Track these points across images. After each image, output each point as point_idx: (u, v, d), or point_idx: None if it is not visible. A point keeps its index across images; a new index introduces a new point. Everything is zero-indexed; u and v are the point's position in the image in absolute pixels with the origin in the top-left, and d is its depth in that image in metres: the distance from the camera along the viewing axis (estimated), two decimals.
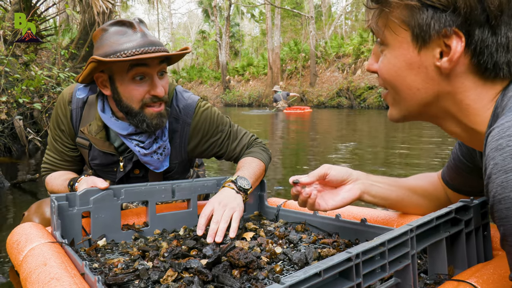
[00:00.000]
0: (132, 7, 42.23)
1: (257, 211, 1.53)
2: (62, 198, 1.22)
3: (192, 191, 1.41)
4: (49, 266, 0.90)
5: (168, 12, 49.78)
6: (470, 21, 0.69)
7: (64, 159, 1.61)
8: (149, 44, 1.34)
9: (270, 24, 28.16)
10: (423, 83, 0.77)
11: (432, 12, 0.71)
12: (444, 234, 0.79)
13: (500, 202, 0.59)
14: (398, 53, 0.78)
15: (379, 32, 0.81)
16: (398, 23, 0.76)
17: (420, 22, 0.73)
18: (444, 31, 0.71)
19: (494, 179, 0.60)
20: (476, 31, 0.70)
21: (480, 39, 0.70)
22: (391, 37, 0.79)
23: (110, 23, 1.39)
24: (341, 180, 1.12)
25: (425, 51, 0.75)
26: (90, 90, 1.46)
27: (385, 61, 0.81)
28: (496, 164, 0.60)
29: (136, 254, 1.11)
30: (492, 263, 0.82)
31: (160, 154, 1.50)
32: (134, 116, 1.39)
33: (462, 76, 0.74)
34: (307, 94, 25.49)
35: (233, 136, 1.64)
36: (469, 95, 0.75)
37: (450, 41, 0.71)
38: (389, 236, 0.69)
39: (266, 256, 1.07)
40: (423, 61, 0.75)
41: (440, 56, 0.73)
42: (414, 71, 0.77)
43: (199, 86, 37.90)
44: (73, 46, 8.58)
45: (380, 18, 0.80)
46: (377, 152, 5.66)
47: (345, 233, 1.19)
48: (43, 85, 5.09)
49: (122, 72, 1.35)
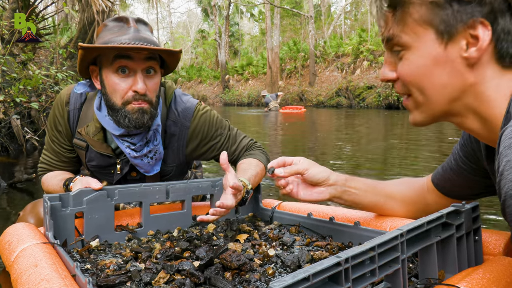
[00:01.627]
0: (131, 6, 42.18)
1: (251, 213, 1.53)
2: (55, 198, 1.22)
3: (186, 192, 1.41)
4: (40, 267, 0.89)
5: (167, 11, 49.76)
6: (495, 10, 0.72)
7: (60, 160, 1.61)
8: (139, 39, 1.34)
9: (269, 23, 28.14)
10: (449, 78, 0.78)
11: (458, 6, 0.73)
12: (435, 238, 0.79)
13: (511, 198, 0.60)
14: (423, 52, 0.79)
15: (397, 37, 0.81)
16: (419, 22, 0.77)
17: (445, 17, 0.75)
18: (472, 22, 0.73)
19: (506, 176, 0.61)
20: (499, 19, 0.72)
21: (502, 26, 0.73)
22: (411, 39, 0.79)
23: (111, 19, 1.44)
24: (316, 181, 1.17)
25: (452, 45, 0.76)
26: (89, 86, 1.48)
27: (408, 64, 0.81)
28: (509, 161, 0.61)
29: (128, 255, 1.11)
30: (482, 267, 0.81)
31: (151, 158, 1.50)
32: (116, 112, 1.38)
33: (485, 65, 0.76)
34: (306, 94, 25.49)
35: (232, 139, 1.63)
36: (490, 86, 0.76)
37: (477, 31, 0.73)
38: (379, 240, 0.69)
39: (259, 258, 1.07)
40: (450, 55, 0.76)
41: (466, 48, 0.75)
42: (441, 67, 0.78)
43: (198, 85, 37.87)
44: (72, 45, 8.56)
45: (399, 22, 0.80)
46: (375, 152, 5.66)
47: (339, 235, 1.19)
48: (41, 84, 5.08)
49: (107, 63, 1.36)
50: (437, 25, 0.76)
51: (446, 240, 0.81)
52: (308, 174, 1.16)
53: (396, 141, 7.02)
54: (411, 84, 0.82)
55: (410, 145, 6.30)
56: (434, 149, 5.88)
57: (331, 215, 1.26)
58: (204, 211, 1.49)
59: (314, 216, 1.29)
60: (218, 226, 1.34)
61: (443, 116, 0.84)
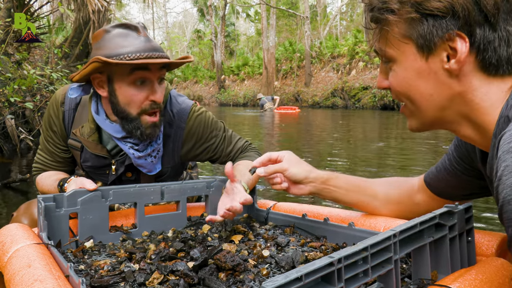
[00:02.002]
0: (127, 5, 42.07)
1: (246, 214, 1.53)
2: (49, 199, 1.22)
3: (181, 193, 1.41)
4: (33, 267, 0.89)
5: (163, 11, 49.68)
6: (470, 22, 0.74)
7: (55, 160, 1.61)
8: (152, 49, 1.34)
9: (265, 24, 28.17)
10: (435, 88, 0.80)
11: (433, 21, 0.76)
12: (428, 239, 0.79)
13: (509, 203, 0.60)
14: (407, 65, 0.82)
15: (383, 51, 0.85)
16: (399, 38, 0.80)
17: (422, 32, 0.77)
18: (448, 36, 0.75)
19: (504, 181, 0.61)
20: (477, 30, 0.74)
21: (482, 37, 0.74)
22: (395, 53, 0.82)
23: (114, 25, 1.39)
24: (295, 180, 1.21)
25: (432, 58, 0.78)
26: (83, 90, 1.44)
27: (395, 76, 0.84)
28: (508, 166, 0.62)
29: (123, 256, 1.11)
30: (475, 268, 0.82)
31: (154, 157, 1.50)
32: (129, 122, 1.39)
33: (469, 75, 0.77)
34: (302, 94, 25.53)
35: (227, 141, 1.63)
36: (478, 94, 0.78)
37: (455, 44, 0.75)
38: (372, 241, 0.69)
39: (253, 259, 1.07)
40: (432, 67, 0.79)
41: (447, 60, 0.77)
42: (425, 79, 0.80)
43: (194, 86, 37.84)
44: (67, 45, 8.54)
45: (381, 37, 0.84)
46: (370, 153, 5.68)
47: (333, 236, 1.19)
48: (36, 84, 5.06)
49: (123, 74, 1.34)
50: (416, 40, 0.79)
51: (439, 241, 0.82)
52: (287, 173, 1.21)
53: (392, 140, 7.05)
54: (400, 94, 0.86)
55: (404, 145, 6.33)
56: (428, 150, 5.90)
57: (326, 216, 1.26)
58: (199, 212, 1.49)
59: (308, 217, 1.29)
60: (213, 227, 1.34)
61: (437, 123, 0.86)
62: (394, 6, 0.79)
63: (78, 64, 8.44)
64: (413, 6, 0.77)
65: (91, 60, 1.30)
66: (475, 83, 0.78)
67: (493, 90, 0.78)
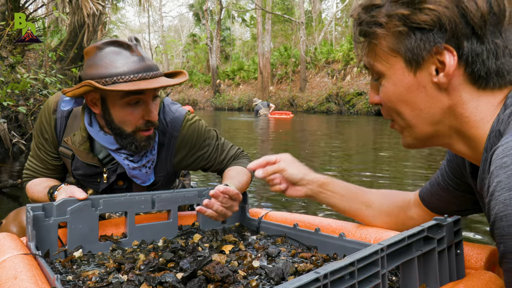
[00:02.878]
0: (122, 9, 42.05)
1: (238, 223, 1.52)
2: (38, 208, 1.21)
3: (172, 202, 1.40)
4: (20, 279, 0.88)
5: (159, 15, 49.68)
6: (457, 35, 0.74)
7: (46, 167, 1.59)
8: (146, 69, 1.31)
9: (261, 29, 28.24)
10: (424, 103, 0.80)
11: (420, 34, 0.76)
12: (416, 252, 0.79)
13: (502, 219, 0.60)
14: (395, 79, 0.81)
15: (372, 65, 0.85)
16: (387, 52, 0.80)
17: (410, 46, 0.77)
18: (436, 49, 0.75)
19: (497, 196, 0.61)
20: (465, 43, 0.74)
21: (470, 49, 0.74)
22: (384, 67, 0.82)
23: (106, 42, 1.35)
24: (292, 180, 1.23)
25: (421, 72, 0.78)
26: (75, 102, 1.43)
27: (385, 91, 0.84)
28: (500, 182, 0.61)
29: (111, 266, 1.10)
30: (463, 281, 0.82)
31: (149, 168, 1.50)
32: (124, 138, 1.39)
33: (459, 88, 0.77)
34: (297, 99, 25.58)
35: (220, 149, 1.63)
36: (468, 107, 0.77)
37: (443, 57, 0.75)
38: (359, 255, 0.69)
39: (243, 270, 1.06)
40: (421, 81, 0.78)
41: (436, 73, 0.77)
42: (414, 93, 0.80)
43: (189, 90, 37.83)
44: (62, 48, 8.51)
45: (369, 51, 0.84)
46: (364, 164, 5.69)
47: (324, 246, 1.19)
48: (29, 88, 5.03)
49: (117, 96, 1.33)
50: (404, 54, 0.78)
51: (428, 254, 0.81)
52: (285, 174, 1.22)
53: (385, 147, 7.07)
54: (391, 109, 0.85)
55: (398, 154, 6.34)
56: (423, 156, 5.92)
57: (317, 226, 1.26)
58: (191, 220, 1.48)
59: (300, 227, 1.29)
60: (203, 236, 1.34)
61: (430, 138, 0.85)
62: (382, 20, 0.79)
63: (72, 67, 8.41)
64: (400, 19, 0.77)
65: (83, 83, 1.28)
66: (465, 96, 0.77)
67: (483, 104, 0.77)
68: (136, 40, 1.38)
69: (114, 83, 1.28)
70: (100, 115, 1.41)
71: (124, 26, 49.10)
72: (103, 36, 13.86)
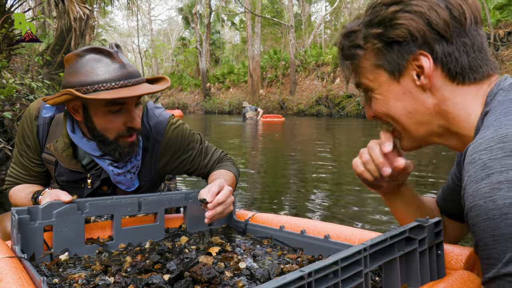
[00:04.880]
0: (111, 13, 41.86)
1: (225, 224, 1.53)
2: (24, 211, 1.20)
3: (159, 205, 1.40)
4: (5, 282, 0.88)
5: (148, 18, 49.54)
6: (428, 41, 0.83)
7: (29, 174, 1.58)
8: (127, 76, 1.30)
9: (250, 32, 28.30)
10: (412, 106, 0.88)
11: (397, 47, 0.85)
12: (398, 253, 0.80)
13: (471, 210, 0.66)
14: (383, 90, 0.90)
15: (360, 83, 0.94)
16: (371, 68, 0.90)
17: (390, 59, 0.87)
18: (412, 57, 0.84)
19: (467, 190, 0.68)
20: (436, 46, 0.83)
21: (442, 51, 0.83)
22: (371, 82, 0.92)
23: (86, 49, 1.33)
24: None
25: (404, 79, 0.87)
26: (57, 109, 1.40)
27: (376, 102, 0.93)
28: (470, 176, 0.68)
29: (98, 269, 1.09)
30: (443, 281, 0.84)
31: (133, 173, 1.49)
32: (107, 145, 1.38)
33: (441, 87, 0.85)
34: (287, 102, 25.65)
35: (204, 153, 1.63)
36: (451, 104, 0.85)
37: (420, 62, 0.84)
38: (343, 255, 0.70)
39: (230, 271, 1.07)
40: (406, 87, 0.87)
41: (418, 77, 0.85)
42: (402, 99, 0.89)
43: (179, 93, 37.74)
44: (49, 52, 8.44)
45: (355, 72, 0.94)
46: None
47: (310, 248, 1.20)
48: (15, 93, 4.98)
49: (98, 104, 1.32)
50: (386, 66, 0.88)
51: (409, 254, 0.83)
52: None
53: None
54: (386, 118, 0.93)
55: None
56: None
57: (303, 228, 1.27)
58: (177, 223, 1.48)
59: (286, 229, 1.29)
60: (190, 238, 1.34)
61: (426, 138, 0.92)
62: (360, 42, 0.90)
63: (60, 71, 8.34)
64: (376, 38, 0.87)
65: (63, 92, 1.26)
66: (447, 94, 0.85)
67: (463, 99, 0.85)
68: (117, 47, 1.36)
69: (95, 91, 1.27)
70: (82, 122, 1.39)
71: (112, 30, 48.89)
72: (91, 40, 13.79)
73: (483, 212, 0.64)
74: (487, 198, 0.64)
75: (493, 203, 0.63)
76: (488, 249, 0.65)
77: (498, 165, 0.65)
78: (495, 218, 0.63)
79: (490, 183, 0.64)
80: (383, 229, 2.97)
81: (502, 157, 0.65)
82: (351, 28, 0.92)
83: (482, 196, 0.64)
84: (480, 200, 0.65)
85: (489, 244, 0.64)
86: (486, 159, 0.66)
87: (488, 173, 0.65)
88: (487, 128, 0.73)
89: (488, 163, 0.66)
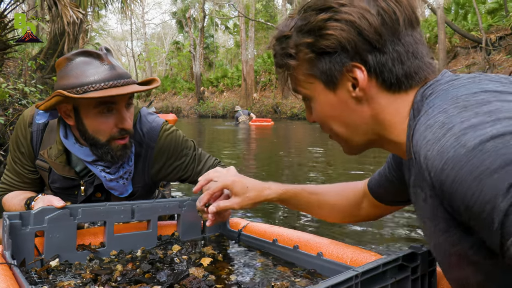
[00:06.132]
0: (104, 16, 41.78)
1: (218, 233, 1.52)
2: (15, 216, 1.19)
3: (152, 212, 1.40)
4: None
5: (142, 22, 49.49)
6: (359, 52, 0.79)
7: (23, 181, 1.57)
8: (117, 77, 1.31)
9: (244, 36, 28.36)
10: (349, 116, 0.86)
11: (328, 57, 0.81)
12: (390, 280, 0.80)
13: (443, 169, 0.59)
14: (320, 100, 0.87)
15: (297, 91, 0.91)
16: (305, 78, 0.86)
17: (323, 69, 0.83)
18: (346, 68, 0.81)
19: (431, 153, 0.61)
20: (369, 57, 0.79)
21: (375, 62, 0.79)
22: (307, 91, 0.88)
23: (76, 52, 1.35)
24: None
25: (339, 90, 0.84)
26: (50, 115, 1.41)
27: (314, 111, 0.90)
28: (429, 140, 0.63)
29: (88, 277, 1.09)
30: None
31: (126, 179, 1.49)
32: (99, 148, 1.37)
33: (376, 97, 0.82)
34: (281, 106, 25.70)
35: (197, 160, 1.63)
36: (388, 112, 0.83)
37: (355, 73, 0.80)
38: (334, 281, 0.70)
39: (220, 284, 1.06)
40: (341, 98, 0.84)
41: (353, 88, 0.82)
42: (339, 109, 0.86)
43: (172, 97, 37.69)
44: (42, 56, 8.40)
45: (290, 79, 0.91)
46: (347, 168, 5.73)
47: (302, 263, 1.20)
48: (8, 98, 4.95)
49: (89, 106, 1.32)
50: (320, 77, 0.84)
51: (401, 282, 0.82)
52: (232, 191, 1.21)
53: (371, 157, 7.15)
54: (323, 127, 0.92)
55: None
56: None
57: (296, 242, 1.26)
58: (170, 230, 1.48)
59: (279, 243, 1.29)
60: (182, 247, 1.33)
61: (365, 145, 0.90)
62: (291, 51, 0.86)
63: (53, 75, 8.30)
64: (307, 47, 0.83)
65: (54, 94, 1.28)
66: (383, 103, 0.82)
67: (401, 106, 0.82)
68: (107, 50, 1.37)
69: (85, 92, 1.28)
70: (74, 127, 1.39)
71: (106, 34, 48.77)
72: (84, 44, 13.74)
73: (456, 161, 0.57)
74: (456, 146, 0.58)
75: (463, 147, 0.57)
76: (478, 197, 0.54)
77: (458, 118, 0.60)
78: (472, 159, 0.56)
79: (453, 134, 0.59)
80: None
81: (459, 112, 0.61)
82: (283, 32, 0.88)
83: (449, 147, 0.59)
84: (449, 153, 0.58)
85: (476, 191, 0.55)
86: (443, 118, 0.63)
87: (449, 127, 0.61)
88: (426, 111, 0.69)
89: (445, 121, 0.62)
